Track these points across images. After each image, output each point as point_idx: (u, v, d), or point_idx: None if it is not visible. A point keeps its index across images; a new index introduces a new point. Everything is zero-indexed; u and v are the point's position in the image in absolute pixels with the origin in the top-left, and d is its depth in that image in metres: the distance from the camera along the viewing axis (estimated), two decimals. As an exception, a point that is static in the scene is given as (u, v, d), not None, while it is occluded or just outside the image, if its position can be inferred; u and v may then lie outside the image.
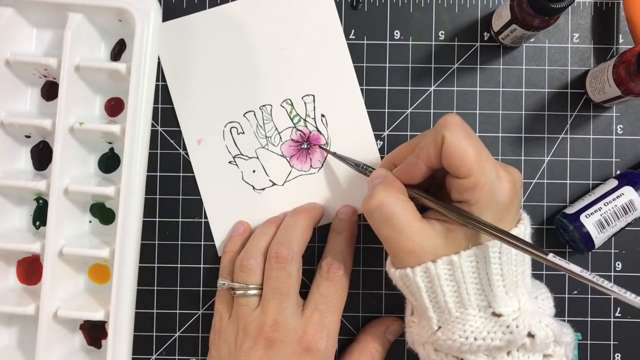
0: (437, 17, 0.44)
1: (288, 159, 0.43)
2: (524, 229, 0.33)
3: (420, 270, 0.32)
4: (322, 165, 0.43)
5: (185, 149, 0.43)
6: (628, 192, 0.40)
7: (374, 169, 0.38)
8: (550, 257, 0.29)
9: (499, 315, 0.32)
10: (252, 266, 0.39)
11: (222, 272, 0.41)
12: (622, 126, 0.43)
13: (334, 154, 0.42)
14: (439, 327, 0.33)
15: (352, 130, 0.43)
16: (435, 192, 0.37)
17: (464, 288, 0.32)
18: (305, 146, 0.43)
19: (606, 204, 0.40)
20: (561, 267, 0.29)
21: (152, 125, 0.43)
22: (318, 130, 0.43)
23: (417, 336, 0.35)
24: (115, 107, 0.43)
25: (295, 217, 0.41)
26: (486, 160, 0.32)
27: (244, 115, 0.43)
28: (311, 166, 0.43)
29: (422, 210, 0.35)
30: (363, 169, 0.40)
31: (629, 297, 0.28)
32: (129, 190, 0.38)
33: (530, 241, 0.35)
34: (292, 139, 0.43)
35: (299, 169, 0.43)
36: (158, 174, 0.43)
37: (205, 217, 0.43)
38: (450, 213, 0.32)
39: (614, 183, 0.41)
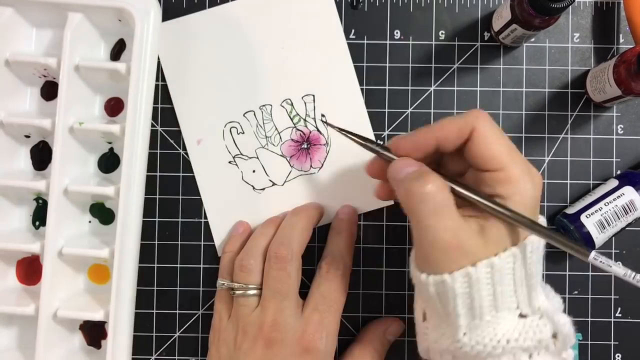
0: (437, 17, 0.43)
1: (288, 159, 0.43)
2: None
3: (460, 276, 0.30)
4: (322, 165, 0.43)
5: (185, 149, 0.43)
6: (628, 192, 0.40)
7: (389, 149, 0.34)
8: (593, 256, 0.29)
9: (525, 316, 0.31)
10: (251, 266, 0.39)
11: (222, 272, 0.41)
12: (622, 126, 0.43)
13: (342, 131, 0.37)
14: (465, 333, 0.31)
15: (352, 130, 0.43)
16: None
17: (499, 291, 0.30)
18: (305, 146, 0.43)
19: (607, 204, 0.40)
20: (603, 269, 0.29)
21: (152, 125, 0.43)
22: (318, 130, 0.43)
23: (435, 344, 0.33)
24: (115, 107, 0.43)
25: (295, 217, 0.40)
26: (518, 155, 0.31)
27: (243, 115, 0.43)
28: (311, 166, 0.43)
29: None
30: (382, 150, 0.34)
31: None
32: (129, 190, 0.38)
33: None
34: (292, 139, 0.43)
35: (299, 169, 0.43)
36: (158, 174, 0.43)
37: (205, 217, 0.43)
38: (496, 208, 0.31)
39: (614, 183, 0.41)
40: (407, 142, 0.33)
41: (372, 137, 0.43)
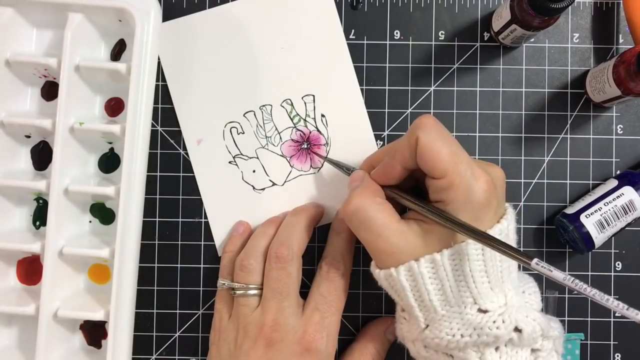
0: (437, 17, 0.44)
1: (288, 159, 0.43)
2: (507, 225, 0.33)
3: (404, 270, 0.33)
4: (322, 165, 0.43)
5: (185, 149, 0.43)
6: (628, 192, 0.40)
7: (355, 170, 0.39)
8: (534, 263, 0.29)
9: (485, 312, 0.32)
10: (252, 266, 0.39)
11: (222, 272, 0.41)
12: (622, 126, 0.43)
13: (327, 160, 0.42)
14: (427, 326, 0.34)
15: (352, 130, 0.43)
16: (418, 194, 0.37)
17: (447, 286, 0.33)
18: (305, 146, 0.43)
19: (606, 204, 0.40)
20: (543, 273, 0.29)
21: (152, 125, 0.43)
22: (318, 130, 0.43)
23: (407, 333, 0.36)
24: (115, 107, 0.43)
25: (295, 217, 0.41)
26: (461, 160, 0.32)
27: (244, 115, 0.43)
28: (311, 166, 0.43)
29: (404, 211, 0.36)
30: (350, 172, 0.40)
31: (611, 304, 0.27)
32: (129, 190, 0.38)
33: (515, 236, 0.35)
34: (292, 139, 0.43)
35: (299, 169, 0.43)
36: (158, 174, 0.43)
37: (205, 217, 0.43)
38: (427, 212, 0.33)
39: (614, 183, 0.41)
40: (377, 175, 0.36)
41: (372, 137, 0.43)
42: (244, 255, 0.39)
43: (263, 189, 0.43)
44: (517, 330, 0.32)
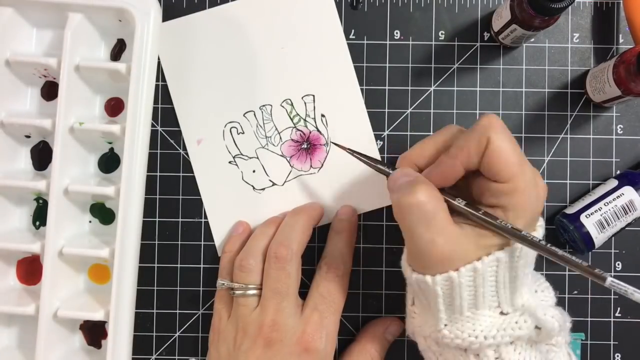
0: (437, 17, 0.44)
1: (288, 159, 0.43)
2: (541, 233, 0.33)
3: (442, 280, 0.31)
4: (322, 165, 0.43)
5: (185, 149, 0.43)
6: (628, 192, 0.40)
7: (395, 168, 0.36)
8: (609, 282, 0.28)
9: (506, 313, 0.32)
10: (251, 266, 0.39)
11: (222, 272, 0.41)
12: (622, 126, 0.43)
13: (351, 151, 0.39)
14: (446, 325, 0.33)
15: (352, 130, 0.43)
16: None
17: (481, 292, 0.32)
18: (305, 146, 0.43)
19: (606, 204, 0.40)
20: (622, 293, 0.28)
21: (152, 125, 0.43)
22: (318, 130, 0.43)
23: (419, 328, 0.35)
24: (115, 107, 0.43)
25: (295, 217, 0.40)
26: (527, 166, 0.31)
27: (243, 115, 0.43)
28: (311, 166, 0.43)
29: None
30: (382, 166, 0.37)
31: None
32: (129, 190, 0.38)
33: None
34: (292, 139, 0.43)
35: (299, 169, 0.43)
36: (158, 174, 0.43)
37: (205, 217, 0.43)
38: (485, 221, 0.31)
39: (614, 183, 0.41)
40: (433, 176, 0.34)
41: (373, 138, 0.43)
42: (244, 255, 0.39)
43: (263, 189, 0.43)
44: (537, 327, 0.32)
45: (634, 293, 0.28)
